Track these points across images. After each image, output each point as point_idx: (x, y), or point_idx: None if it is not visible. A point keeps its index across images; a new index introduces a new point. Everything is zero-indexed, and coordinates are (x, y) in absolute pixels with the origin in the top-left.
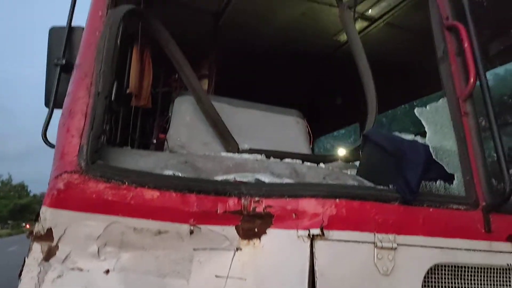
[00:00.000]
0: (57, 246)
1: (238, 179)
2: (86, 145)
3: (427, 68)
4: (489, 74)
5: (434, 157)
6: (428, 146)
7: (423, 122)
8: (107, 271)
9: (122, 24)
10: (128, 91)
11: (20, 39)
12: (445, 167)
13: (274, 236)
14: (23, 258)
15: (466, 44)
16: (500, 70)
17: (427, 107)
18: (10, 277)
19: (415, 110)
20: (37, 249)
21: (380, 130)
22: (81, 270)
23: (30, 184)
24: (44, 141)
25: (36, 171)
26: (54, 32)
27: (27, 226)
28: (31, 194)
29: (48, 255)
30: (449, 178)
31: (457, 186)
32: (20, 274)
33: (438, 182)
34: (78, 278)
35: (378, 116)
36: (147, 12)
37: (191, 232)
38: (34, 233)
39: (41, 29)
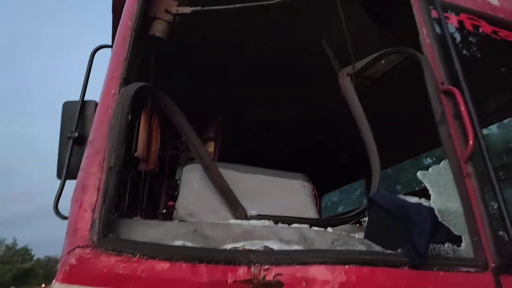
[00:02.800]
0: None
1: (247, 247)
2: (98, 220)
3: (430, 122)
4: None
5: (440, 219)
6: (433, 209)
7: (426, 185)
8: None
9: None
10: (136, 155)
11: (21, 99)
12: (452, 229)
13: None
14: None
15: (462, 108)
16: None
17: (430, 169)
18: None
19: (418, 174)
20: None
21: (384, 193)
22: None
23: (34, 247)
24: (56, 214)
25: (39, 234)
26: (67, 106)
27: None
28: (35, 258)
29: None
30: (456, 240)
31: (465, 248)
32: None
33: (446, 244)
34: None
35: (385, 169)
36: (155, 88)
37: None
38: None
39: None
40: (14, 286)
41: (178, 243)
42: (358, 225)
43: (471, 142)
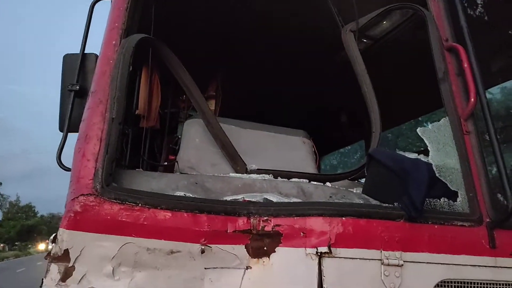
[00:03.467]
0: (73, 267)
1: (247, 199)
2: (101, 169)
3: (431, 84)
4: (497, 88)
5: (437, 175)
6: (431, 165)
7: (426, 141)
8: None
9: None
10: (137, 113)
11: (23, 58)
12: (449, 185)
13: (283, 254)
14: (32, 279)
15: (465, 65)
16: (508, 83)
17: (430, 126)
18: None
19: (418, 130)
20: (55, 270)
21: (384, 149)
22: None
23: (37, 204)
24: (59, 165)
25: (43, 192)
26: (68, 58)
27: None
28: (38, 214)
29: (65, 275)
30: (452, 195)
31: (461, 203)
32: None
33: (442, 199)
34: None
35: (384, 132)
36: (157, 40)
37: (202, 251)
38: (51, 254)
39: (43, 48)
40: (19, 242)
41: (180, 194)
42: (356, 181)
43: (472, 99)
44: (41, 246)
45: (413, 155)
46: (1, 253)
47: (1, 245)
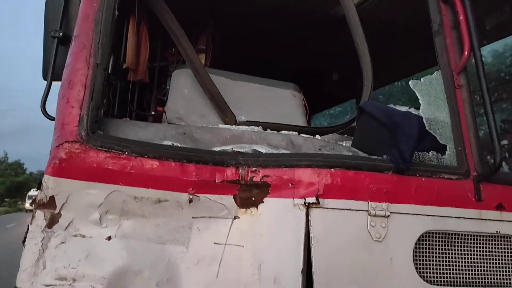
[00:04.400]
0: (59, 214)
1: (235, 149)
2: (86, 116)
3: (424, 42)
4: (487, 51)
5: (427, 128)
6: (421, 118)
7: (417, 94)
8: (109, 238)
9: None
10: (125, 66)
11: (11, 11)
12: (438, 138)
13: (271, 204)
14: (21, 233)
15: (461, 17)
16: (499, 46)
17: (422, 79)
18: (10, 250)
19: (410, 82)
20: (41, 216)
21: (375, 102)
22: (83, 236)
23: (26, 162)
24: (43, 114)
25: (31, 149)
26: (50, 3)
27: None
28: (27, 171)
29: (51, 222)
30: (441, 148)
31: (449, 156)
32: (24, 241)
33: (431, 152)
34: (81, 244)
35: (375, 92)
36: None
37: (190, 200)
38: (37, 200)
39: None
40: (9, 198)
41: (167, 143)
42: (346, 135)
43: (466, 53)
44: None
45: (404, 108)
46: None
47: None
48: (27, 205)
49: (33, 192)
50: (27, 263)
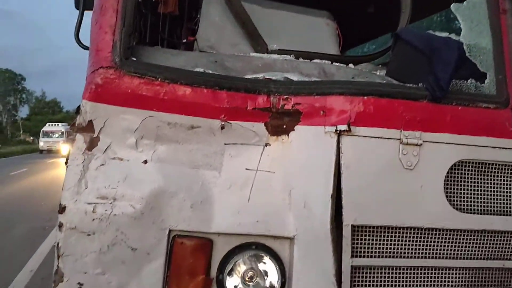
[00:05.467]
0: (98, 138)
1: (267, 77)
2: (119, 41)
3: None
4: None
5: (467, 54)
6: (461, 44)
7: (459, 18)
8: (145, 162)
9: None
10: None
11: None
12: (478, 65)
13: (302, 132)
14: (62, 164)
15: None
16: None
17: (464, 3)
18: (49, 179)
19: (452, 6)
20: (81, 139)
21: (412, 29)
22: (121, 160)
23: (62, 100)
24: (77, 43)
25: (66, 88)
26: None
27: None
28: (64, 110)
29: (91, 145)
30: (481, 76)
31: (488, 85)
32: (66, 162)
33: (469, 80)
34: (119, 167)
35: (412, 26)
36: None
37: (222, 127)
38: (76, 124)
39: None
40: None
41: (199, 70)
42: (380, 65)
43: None
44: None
45: (443, 34)
46: (31, 145)
47: (31, 138)
48: (42, 143)
49: (48, 127)
50: (70, 183)
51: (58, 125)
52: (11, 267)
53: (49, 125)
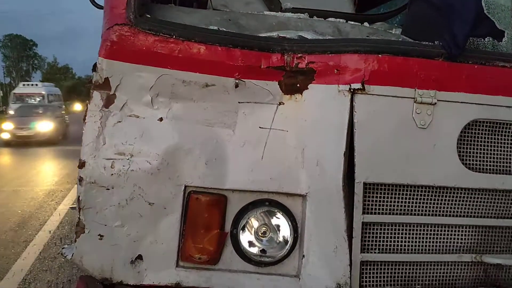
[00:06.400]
0: (114, 95)
1: (281, 35)
2: None
3: None
4: None
5: (485, 12)
6: (480, 0)
7: None
8: (161, 119)
9: None
10: None
11: None
12: (496, 23)
13: (315, 91)
14: (75, 131)
15: None
16: None
17: None
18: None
19: None
20: (97, 96)
21: None
22: (137, 117)
23: (74, 66)
24: (91, 2)
25: (78, 54)
26: None
27: None
28: (76, 76)
29: (108, 102)
30: (498, 34)
31: (506, 43)
32: (84, 119)
33: (486, 38)
34: (136, 124)
35: None
36: None
37: (236, 85)
38: (93, 82)
39: None
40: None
41: (213, 28)
42: (396, 25)
43: None
44: (77, 107)
45: None
46: None
47: None
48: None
49: (22, 88)
50: (89, 139)
51: (37, 85)
52: None
53: (23, 85)
